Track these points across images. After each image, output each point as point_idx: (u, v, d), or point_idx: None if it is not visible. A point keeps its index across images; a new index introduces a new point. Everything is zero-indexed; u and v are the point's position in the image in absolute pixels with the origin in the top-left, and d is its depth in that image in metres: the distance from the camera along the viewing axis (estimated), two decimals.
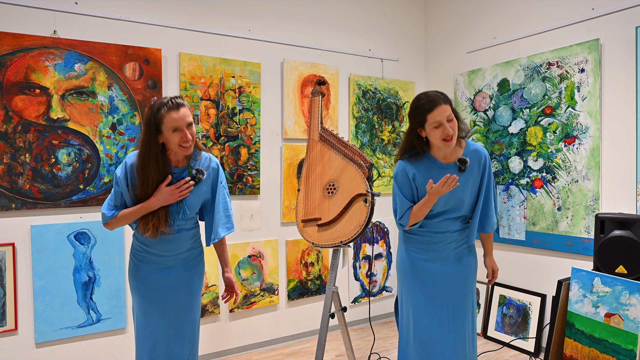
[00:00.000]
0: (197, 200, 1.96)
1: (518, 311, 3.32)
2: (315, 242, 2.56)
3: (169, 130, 1.81)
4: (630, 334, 2.38)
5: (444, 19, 3.99)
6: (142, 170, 1.83)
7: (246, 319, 3.32)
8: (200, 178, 1.91)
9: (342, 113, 3.72)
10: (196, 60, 3.06)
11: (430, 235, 2.09)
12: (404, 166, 2.08)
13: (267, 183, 3.38)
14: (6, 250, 2.54)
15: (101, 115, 2.77)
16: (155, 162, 1.83)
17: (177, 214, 1.89)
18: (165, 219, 1.86)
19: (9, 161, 2.54)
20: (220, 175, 2.03)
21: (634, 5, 2.71)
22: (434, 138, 1.97)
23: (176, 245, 1.96)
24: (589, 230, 2.92)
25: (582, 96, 2.95)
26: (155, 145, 1.83)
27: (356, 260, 3.79)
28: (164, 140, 1.84)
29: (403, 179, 2.09)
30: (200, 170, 1.92)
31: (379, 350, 3.31)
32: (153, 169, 1.83)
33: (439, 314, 2.07)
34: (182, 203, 1.90)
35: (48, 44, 2.61)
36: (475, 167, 2.07)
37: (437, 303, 2.07)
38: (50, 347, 2.67)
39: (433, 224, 2.08)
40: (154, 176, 1.84)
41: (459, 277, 2.09)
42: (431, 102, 1.93)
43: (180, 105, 1.81)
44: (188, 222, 1.96)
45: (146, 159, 1.83)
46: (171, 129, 1.80)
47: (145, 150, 1.83)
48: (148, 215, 1.85)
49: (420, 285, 2.10)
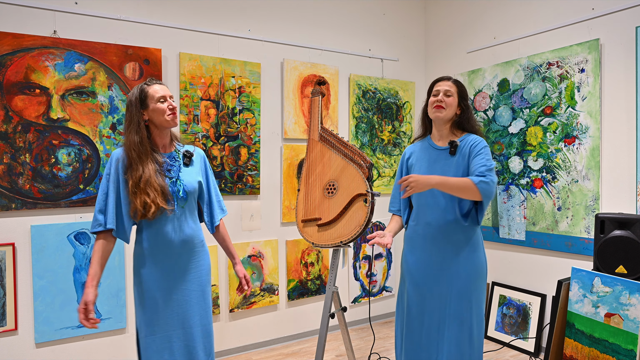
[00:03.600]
0: (193, 178, 1.95)
1: (518, 311, 3.32)
2: (315, 242, 2.56)
3: (155, 102, 1.86)
4: (630, 334, 2.38)
5: (444, 19, 3.99)
6: (132, 149, 1.82)
7: (246, 319, 3.32)
8: (190, 157, 1.97)
9: (342, 113, 3.72)
10: (196, 60, 3.06)
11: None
12: (408, 148, 2.27)
13: (267, 183, 3.38)
14: (6, 250, 2.54)
15: (101, 115, 2.77)
16: (141, 139, 1.84)
17: (177, 192, 1.88)
18: (163, 196, 1.83)
19: (9, 161, 2.54)
20: (208, 163, 2.09)
21: (634, 5, 2.71)
22: (429, 107, 2.12)
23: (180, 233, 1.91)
24: (589, 230, 2.92)
25: (582, 96, 2.95)
26: (141, 121, 1.85)
27: (356, 260, 3.79)
28: (150, 115, 1.87)
29: (402, 160, 2.27)
30: (189, 151, 1.99)
31: (379, 350, 3.31)
32: (143, 147, 1.83)
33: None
34: (180, 181, 1.90)
35: (48, 44, 2.61)
36: (464, 150, 2.08)
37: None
38: (50, 347, 2.67)
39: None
40: (144, 153, 1.83)
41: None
42: (439, 77, 2.17)
43: (161, 82, 1.93)
44: (186, 204, 1.92)
45: (131, 133, 1.83)
46: (157, 100, 1.86)
47: (132, 127, 1.84)
48: (145, 193, 1.80)
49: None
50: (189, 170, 1.96)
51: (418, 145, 2.23)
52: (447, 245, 2.07)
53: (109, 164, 1.86)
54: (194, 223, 1.95)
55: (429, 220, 2.10)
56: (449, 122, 2.14)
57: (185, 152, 1.97)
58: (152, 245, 1.86)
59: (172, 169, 1.90)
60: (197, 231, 1.96)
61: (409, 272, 2.16)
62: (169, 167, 1.90)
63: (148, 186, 1.79)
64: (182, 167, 1.94)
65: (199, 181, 1.98)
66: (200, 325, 1.91)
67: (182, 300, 1.88)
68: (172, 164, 1.92)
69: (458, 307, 2.03)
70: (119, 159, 1.85)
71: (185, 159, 1.95)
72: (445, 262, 2.06)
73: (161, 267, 1.86)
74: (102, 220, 1.81)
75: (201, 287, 1.94)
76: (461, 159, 2.07)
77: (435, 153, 2.13)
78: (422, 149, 2.19)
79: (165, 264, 1.87)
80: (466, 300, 2.04)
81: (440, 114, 2.07)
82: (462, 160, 2.07)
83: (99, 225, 1.81)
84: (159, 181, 1.82)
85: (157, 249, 1.86)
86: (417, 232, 2.15)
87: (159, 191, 1.81)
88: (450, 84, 2.10)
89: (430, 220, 2.10)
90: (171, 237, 1.86)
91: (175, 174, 1.90)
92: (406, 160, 2.24)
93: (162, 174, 1.86)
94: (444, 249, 2.07)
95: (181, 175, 1.92)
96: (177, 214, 1.88)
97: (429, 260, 2.09)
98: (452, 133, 2.15)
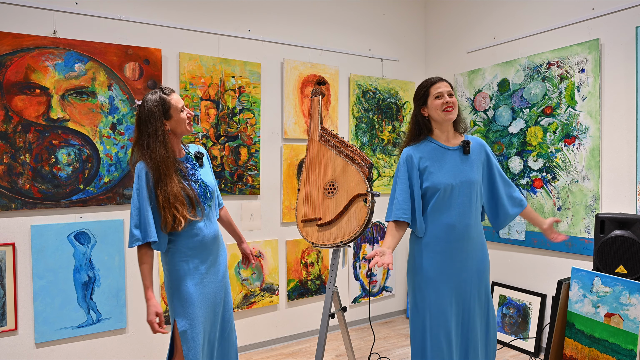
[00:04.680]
0: (210, 177, 2.06)
1: (518, 311, 3.32)
2: (315, 242, 2.56)
3: (178, 112, 1.90)
4: (630, 334, 2.38)
5: (444, 19, 3.99)
6: (161, 163, 1.83)
7: (246, 319, 3.32)
8: (201, 158, 2.05)
9: (342, 113, 3.72)
10: (196, 60, 3.06)
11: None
12: (409, 152, 2.11)
13: (267, 183, 3.38)
14: (6, 250, 2.54)
15: (101, 115, 2.77)
16: (167, 152, 1.86)
17: (205, 194, 1.97)
18: (191, 206, 1.89)
19: (9, 161, 2.54)
20: (209, 158, 2.19)
21: (634, 5, 2.71)
22: (436, 109, 2.07)
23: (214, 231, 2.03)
24: (589, 230, 2.92)
25: (582, 96, 2.95)
26: (165, 133, 1.87)
27: (356, 260, 3.79)
28: (172, 125, 1.90)
29: (408, 164, 2.09)
30: (200, 152, 2.07)
31: (379, 350, 3.31)
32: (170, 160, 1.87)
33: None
34: (205, 183, 1.99)
35: (48, 44, 2.61)
36: (477, 150, 2.14)
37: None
38: (50, 347, 2.67)
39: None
40: (171, 165, 1.86)
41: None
42: (433, 79, 2.13)
43: (173, 90, 1.97)
44: (212, 202, 2.04)
45: (157, 147, 1.84)
46: (179, 109, 1.90)
47: (158, 140, 1.84)
48: (174, 208, 1.83)
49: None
50: (205, 170, 2.05)
51: (421, 148, 2.11)
52: (470, 245, 2.10)
53: (137, 178, 1.87)
54: (216, 219, 2.08)
55: (452, 223, 2.05)
56: (452, 122, 2.15)
57: (197, 153, 2.05)
58: (187, 244, 1.92)
59: (194, 173, 1.98)
60: (219, 226, 2.10)
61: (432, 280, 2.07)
62: (192, 172, 1.97)
63: (176, 200, 1.84)
64: (198, 168, 2.01)
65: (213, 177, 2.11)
66: (228, 314, 2.09)
67: (215, 293, 2.00)
68: (193, 169, 1.98)
69: (485, 306, 2.13)
70: (147, 172, 1.86)
71: (199, 161, 2.03)
72: (470, 262, 2.09)
73: (196, 264, 1.95)
74: (139, 235, 1.84)
75: (225, 279, 2.08)
76: (476, 159, 2.11)
77: (450, 154, 2.09)
78: (431, 151, 2.09)
79: (200, 261, 1.95)
80: (487, 297, 2.15)
81: (452, 115, 2.07)
82: (477, 159, 2.11)
83: (137, 240, 1.84)
84: (186, 192, 1.88)
85: (192, 247, 1.93)
86: (438, 237, 2.06)
87: (185, 204, 1.87)
88: (448, 85, 2.11)
89: (453, 222, 2.05)
90: (204, 234, 1.95)
91: (199, 177, 1.98)
92: (417, 164, 2.08)
93: (188, 180, 1.92)
94: (466, 249, 2.08)
95: (201, 176, 2.00)
96: (206, 213, 1.98)
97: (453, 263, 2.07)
98: (455, 133, 2.17)
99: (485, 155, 2.15)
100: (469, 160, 2.10)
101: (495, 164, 2.17)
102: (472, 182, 2.06)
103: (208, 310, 1.96)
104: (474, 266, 2.09)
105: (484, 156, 2.14)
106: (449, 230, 2.04)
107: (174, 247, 1.93)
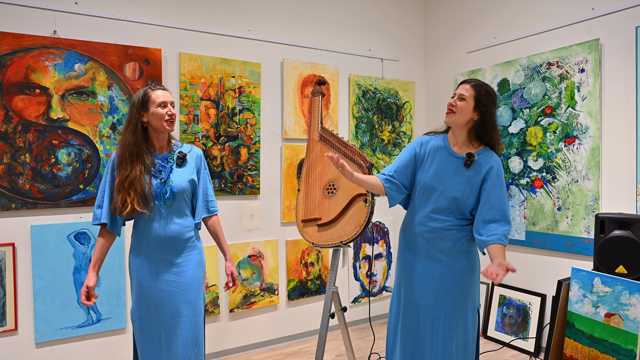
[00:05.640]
0: (183, 179, 2.02)
1: (518, 311, 3.32)
2: (315, 242, 2.56)
3: (156, 106, 1.95)
4: (630, 334, 2.38)
5: (444, 19, 3.99)
6: (125, 149, 1.93)
7: (246, 319, 3.32)
8: (183, 158, 2.04)
9: (342, 113, 3.72)
10: (196, 60, 3.06)
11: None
12: (426, 138, 2.17)
13: (267, 183, 3.38)
14: (6, 250, 2.54)
15: (101, 115, 2.77)
16: (136, 141, 1.94)
17: (165, 193, 1.97)
18: (142, 198, 1.93)
19: (9, 161, 2.54)
20: (204, 162, 2.16)
21: (634, 5, 2.71)
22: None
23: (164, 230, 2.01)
24: (589, 230, 2.92)
25: (582, 96, 2.95)
26: (139, 122, 1.95)
27: (356, 260, 3.79)
28: (149, 118, 1.96)
29: (419, 145, 2.15)
30: (182, 152, 2.06)
31: (379, 350, 3.31)
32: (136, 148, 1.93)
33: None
34: (169, 182, 1.98)
35: (48, 44, 2.61)
36: (482, 168, 2.00)
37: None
38: (50, 347, 2.67)
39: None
40: (135, 154, 1.93)
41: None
42: (464, 79, 2.10)
43: (164, 88, 2.02)
44: (174, 203, 2.00)
45: (127, 133, 1.94)
46: (158, 104, 1.95)
47: (129, 128, 1.95)
48: (126, 193, 1.91)
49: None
50: (181, 170, 2.04)
51: (434, 142, 2.10)
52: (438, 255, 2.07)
53: (108, 162, 2.00)
54: (183, 220, 2.03)
55: (421, 221, 2.09)
56: (464, 129, 2.02)
57: (179, 152, 2.06)
58: (140, 239, 2.00)
59: (163, 170, 1.99)
60: (185, 228, 2.03)
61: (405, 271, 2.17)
62: (161, 168, 1.99)
63: (131, 187, 1.90)
64: (175, 168, 2.02)
65: (190, 180, 2.05)
66: (188, 316, 2.00)
67: (170, 292, 1.98)
68: (164, 165, 2.00)
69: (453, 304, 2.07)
70: (115, 159, 1.98)
71: (179, 160, 2.04)
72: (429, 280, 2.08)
73: (147, 259, 1.98)
74: (99, 215, 1.98)
75: (189, 280, 2.02)
76: (474, 176, 1.99)
77: (450, 160, 2.03)
78: (437, 150, 2.08)
79: (151, 257, 1.98)
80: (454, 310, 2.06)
81: (448, 118, 2.00)
82: (475, 177, 1.99)
83: (96, 219, 1.98)
84: (142, 183, 1.92)
85: (144, 243, 1.99)
86: (406, 227, 2.17)
87: (138, 193, 1.92)
88: (467, 88, 1.97)
89: (423, 220, 2.08)
90: (157, 233, 1.97)
91: (166, 175, 1.99)
92: (422, 147, 2.11)
93: (151, 174, 1.96)
94: (433, 256, 2.07)
95: (172, 176, 2.00)
96: (163, 213, 1.98)
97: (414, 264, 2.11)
98: (469, 142, 2.04)
99: (482, 178, 1.99)
100: (464, 174, 2.00)
101: (490, 188, 1.97)
102: (451, 196, 2.00)
103: (154, 307, 1.97)
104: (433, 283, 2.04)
105: (481, 177, 1.99)
106: (417, 226, 2.10)
107: (132, 240, 2.03)
